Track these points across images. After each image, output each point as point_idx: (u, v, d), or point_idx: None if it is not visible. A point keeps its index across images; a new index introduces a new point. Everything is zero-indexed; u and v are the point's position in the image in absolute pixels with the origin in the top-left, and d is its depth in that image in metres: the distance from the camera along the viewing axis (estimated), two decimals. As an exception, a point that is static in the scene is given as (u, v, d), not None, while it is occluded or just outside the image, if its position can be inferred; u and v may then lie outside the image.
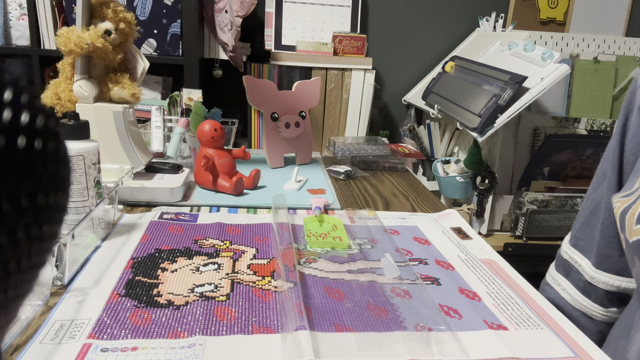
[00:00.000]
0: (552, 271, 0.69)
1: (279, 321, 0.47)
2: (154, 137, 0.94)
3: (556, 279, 0.67)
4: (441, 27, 1.58)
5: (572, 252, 0.64)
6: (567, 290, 0.64)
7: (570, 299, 0.64)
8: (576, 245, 0.64)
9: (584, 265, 0.62)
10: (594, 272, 0.60)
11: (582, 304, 0.63)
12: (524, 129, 1.17)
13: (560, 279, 0.66)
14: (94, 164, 0.61)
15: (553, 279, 0.68)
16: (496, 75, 1.03)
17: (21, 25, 1.29)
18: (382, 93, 1.61)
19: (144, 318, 0.46)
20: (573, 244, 0.65)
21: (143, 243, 0.61)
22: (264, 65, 1.31)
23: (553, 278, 0.68)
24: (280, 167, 0.99)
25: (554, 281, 0.67)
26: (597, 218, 0.61)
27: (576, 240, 0.64)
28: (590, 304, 0.62)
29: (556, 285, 0.67)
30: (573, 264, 0.64)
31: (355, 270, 0.58)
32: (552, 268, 0.69)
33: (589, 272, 0.61)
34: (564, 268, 0.66)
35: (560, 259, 0.68)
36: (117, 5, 0.73)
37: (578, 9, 1.58)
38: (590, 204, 0.63)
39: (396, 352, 0.43)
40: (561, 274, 0.67)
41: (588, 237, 0.62)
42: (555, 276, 0.68)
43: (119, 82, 0.74)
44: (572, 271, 0.64)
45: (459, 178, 1.15)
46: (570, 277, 0.65)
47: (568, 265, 0.65)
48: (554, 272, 0.68)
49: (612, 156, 0.59)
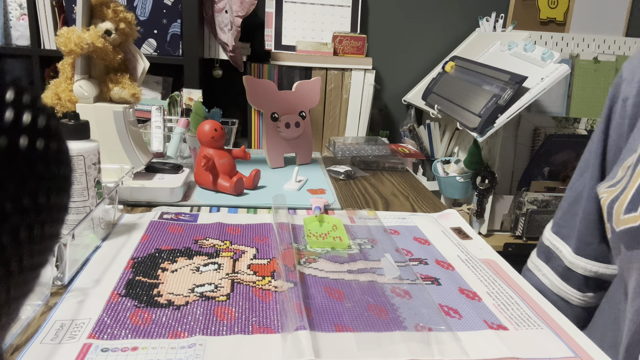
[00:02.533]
0: (533, 257, 0.71)
1: (279, 321, 0.47)
2: (154, 137, 0.94)
3: (537, 264, 0.69)
4: (441, 27, 1.58)
5: (553, 238, 0.67)
6: (547, 275, 0.67)
7: (549, 284, 0.67)
8: (558, 232, 0.67)
9: (565, 251, 0.64)
10: (574, 257, 0.63)
11: (560, 288, 0.65)
12: (524, 129, 1.17)
13: (541, 264, 0.69)
14: (94, 164, 0.61)
15: (534, 264, 0.70)
16: (496, 75, 1.03)
17: (21, 25, 1.29)
18: (382, 93, 1.61)
19: (144, 318, 0.46)
20: (555, 231, 0.67)
21: (143, 243, 0.61)
22: (264, 65, 1.31)
23: (534, 264, 0.70)
24: (280, 167, 0.99)
25: (535, 267, 0.70)
26: (579, 206, 0.63)
27: (558, 228, 0.67)
28: (569, 288, 0.64)
29: (536, 270, 0.69)
30: (554, 250, 0.66)
31: (355, 270, 0.58)
32: (534, 254, 0.72)
33: (569, 257, 0.63)
34: (545, 254, 0.69)
35: (542, 246, 0.70)
36: (117, 6, 0.73)
37: (578, 9, 1.58)
38: (572, 192, 0.65)
39: (396, 352, 0.43)
40: (542, 260, 0.69)
41: (570, 224, 0.65)
42: (536, 262, 0.70)
43: (119, 82, 0.74)
44: (553, 257, 0.67)
45: (459, 178, 1.15)
46: (551, 263, 0.67)
47: (549, 252, 0.68)
48: (535, 258, 0.71)
49: (596, 146, 0.61)
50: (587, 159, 0.63)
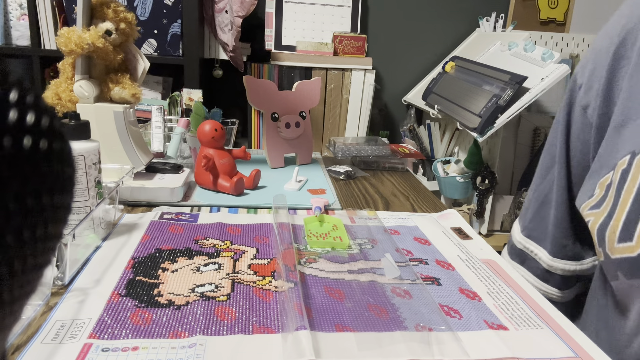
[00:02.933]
0: (507, 258, 0.72)
1: (279, 321, 0.47)
2: (154, 137, 0.94)
3: (512, 265, 0.69)
4: (441, 27, 1.58)
5: (526, 242, 0.67)
6: (524, 276, 0.67)
7: None
8: (530, 235, 0.67)
9: (541, 255, 0.65)
10: (552, 260, 0.63)
11: (540, 289, 0.66)
12: (524, 129, 1.17)
13: (517, 266, 0.69)
14: (94, 164, 0.61)
15: None
16: (496, 75, 1.03)
17: (21, 26, 1.29)
18: (382, 93, 1.61)
19: (145, 318, 0.46)
20: (527, 234, 0.67)
21: (143, 243, 0.61)
22: (264, 66, 1.31)
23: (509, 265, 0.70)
24: (280, 167, 1.00)
25: None
26: (547, 209, 0.64)
27: (529, 231, 0.67)
28: (549, 288, 0.65)
29: None
30: (529, 253, 0.67)
31: (355, 270, 0.58)
32: (507, 256, 0.72)
33: (547, 261, 0.64)
34: (519, 256, 0.69)
35: (514, 248, 0.70)
36: (117, 6, 0.73)
37: (578, 9, 1.59)
38: (539, 194, 0.65)
39: (396, 352, 0.43)
40: (516, 262, 0.69)
41: (540, 227, 0.65)
42: (511, 263, 0.70)
43: (119, 82, 0.74)
44: (528, 259, 0.67)
45: (459, 178, 1.15)
46: (527, 265, 0.68)
47: (523, 254, 0.68)
48: (509, 259, 0.71)
49: (560, 150, 0.61)
50: (549, 162, 0.63)
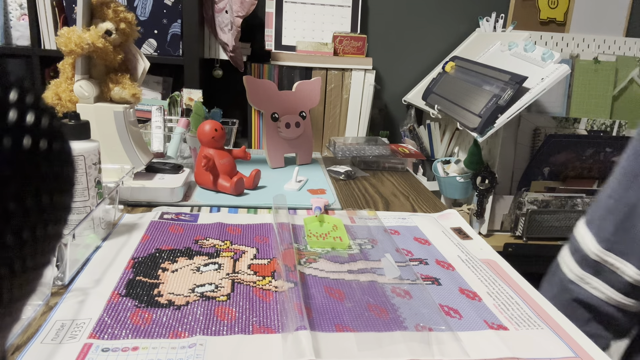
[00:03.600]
0: (576, 270, 0.68)
1: (279, 321, 0.47)
2: (154, 137, 0.94)
3: (584, 278, 0.66)
4: (441, 27, 1.58)
5: (607, 255, 0.64)
6: (600, 289, 0.64)
7: (605, 297, 0.64)
8: (612, 249, 0.63)
9: (627, 270, 0.62)
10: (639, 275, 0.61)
11: (619, 301, 0.63)
12: (524, 129, 1.17)
13: (591, 278, 0.66)
14: (94, 164, 0.61)
15: (579, 277, 0.67)
16: (496, 75, 1.03)
17: (21, 25, 1.29)
18: (382, 93, 1.61)
19: (145, 318, 0.46)
20: (608, 247, 0.64)
21: (143, 243, 0.61)
22: (264, 66, 1.31)
23: (579, 277, 0.67)
24: (280, 167, 1.00)
25: (581, 280, 0.67)
26: (635, 221, 0.61)
27: (612, 244, 0.64)
28: (630, 300, 0.63)
29: (584, 283, 0.66)
30: (609, 267, 0.64)
31: (355, 270, 0.58)
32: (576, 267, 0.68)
33: (635, 276, 0.61)
34: (594, 268, 0.66)
35: (587, 259, 0.66)
36: (117, 6, 0.73)
37: (578, 9, 1.59)
38: (623, 205, 0.62)
39: (396, 352, 0.43)
40: (589, 273, 0.66)
41: (626, 240, 0.62)
42: (582, 275, 0.67)
43: (119, 82, 0.74)
44: (606, 272, 0.64)
45: (459, 178, 1.15)
46: (604, 277, 0.65)
47: (599, 266, 0.65)
48: (579, 271, 0.67)
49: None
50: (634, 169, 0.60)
